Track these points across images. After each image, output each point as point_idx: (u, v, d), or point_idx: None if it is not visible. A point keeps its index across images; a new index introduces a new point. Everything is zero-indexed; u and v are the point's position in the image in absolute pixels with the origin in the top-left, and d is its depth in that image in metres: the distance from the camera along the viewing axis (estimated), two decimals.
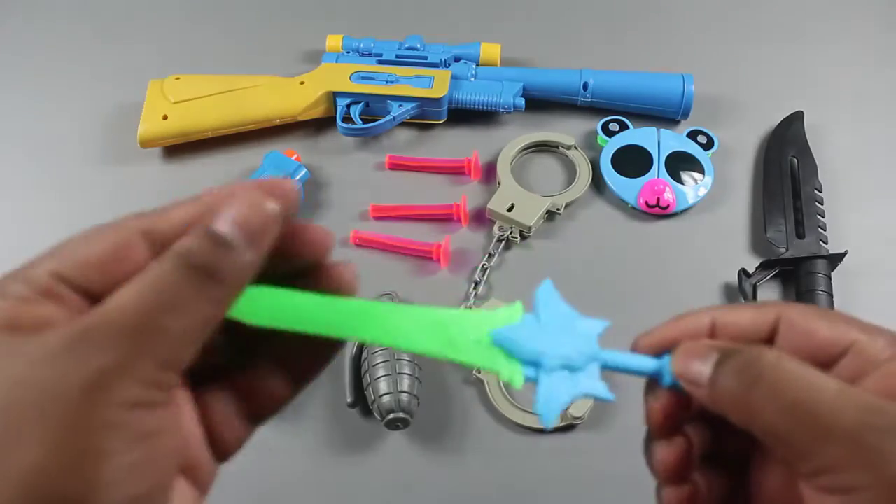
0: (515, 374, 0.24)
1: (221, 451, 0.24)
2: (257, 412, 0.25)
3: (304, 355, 0.25)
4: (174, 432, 0.21)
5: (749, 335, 0.25)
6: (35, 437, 0.18)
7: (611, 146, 0.65)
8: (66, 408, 0.18)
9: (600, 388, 0.25)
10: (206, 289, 0.19)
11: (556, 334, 0.25)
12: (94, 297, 0.20)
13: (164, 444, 0.20)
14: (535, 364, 0.24)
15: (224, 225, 0.20)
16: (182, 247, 0.20)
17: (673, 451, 0.26)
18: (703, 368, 0.24)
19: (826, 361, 0.23)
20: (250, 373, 0.25)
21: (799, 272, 0.57)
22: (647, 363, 0.26)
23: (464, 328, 0.24)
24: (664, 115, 0.68)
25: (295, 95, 0.66)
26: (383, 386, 0.49)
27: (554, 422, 0.25)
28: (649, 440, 0.27)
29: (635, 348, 0.26)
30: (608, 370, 0.25)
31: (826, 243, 0.59)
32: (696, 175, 0.63)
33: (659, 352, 0.26)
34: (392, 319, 0.24)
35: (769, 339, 0.25)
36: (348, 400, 0.51)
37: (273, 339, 0.23)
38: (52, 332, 0.19)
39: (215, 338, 0.21)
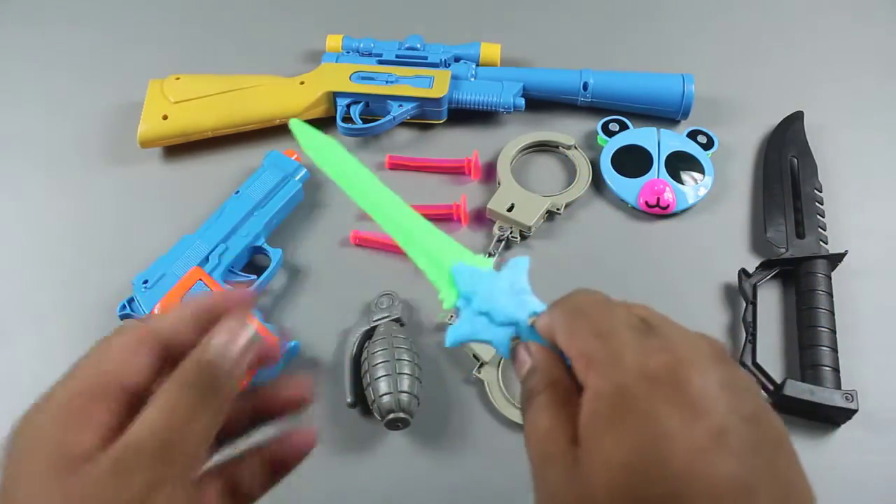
0: (450, 298, 0.31)
1: None
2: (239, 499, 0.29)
3: (279, 457, 0.31)
4: None
5: None
6: None
7: (611, 146, 0.65)
8: None
9: (503, 344, 0.30)
10: (206, 402, 0.24)
11: (499, 293, 0.30)
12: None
13: None
14: (467, 299, 0.30)
15: (211, 355, 0.25)
16: (181, 374, 0.25)
17: None
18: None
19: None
20: (237, 465, 0.29)
21: (799, 272, 0.57)
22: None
23: (444, 249, 0.31)
24: (664, 115, 0.68)
25: (295, 95, 0.66)
26: (383, 386, 0.49)
27: (451, 345, 0.30)
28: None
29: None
30: (517, 337, 0.30)
31: (826, 243, 0.59)
32: (696, 175, 0.63)
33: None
34: (402, 218, 0.32)
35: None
36: (348, 400, 0.51)
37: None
38: (94, 466, 0.23)
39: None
